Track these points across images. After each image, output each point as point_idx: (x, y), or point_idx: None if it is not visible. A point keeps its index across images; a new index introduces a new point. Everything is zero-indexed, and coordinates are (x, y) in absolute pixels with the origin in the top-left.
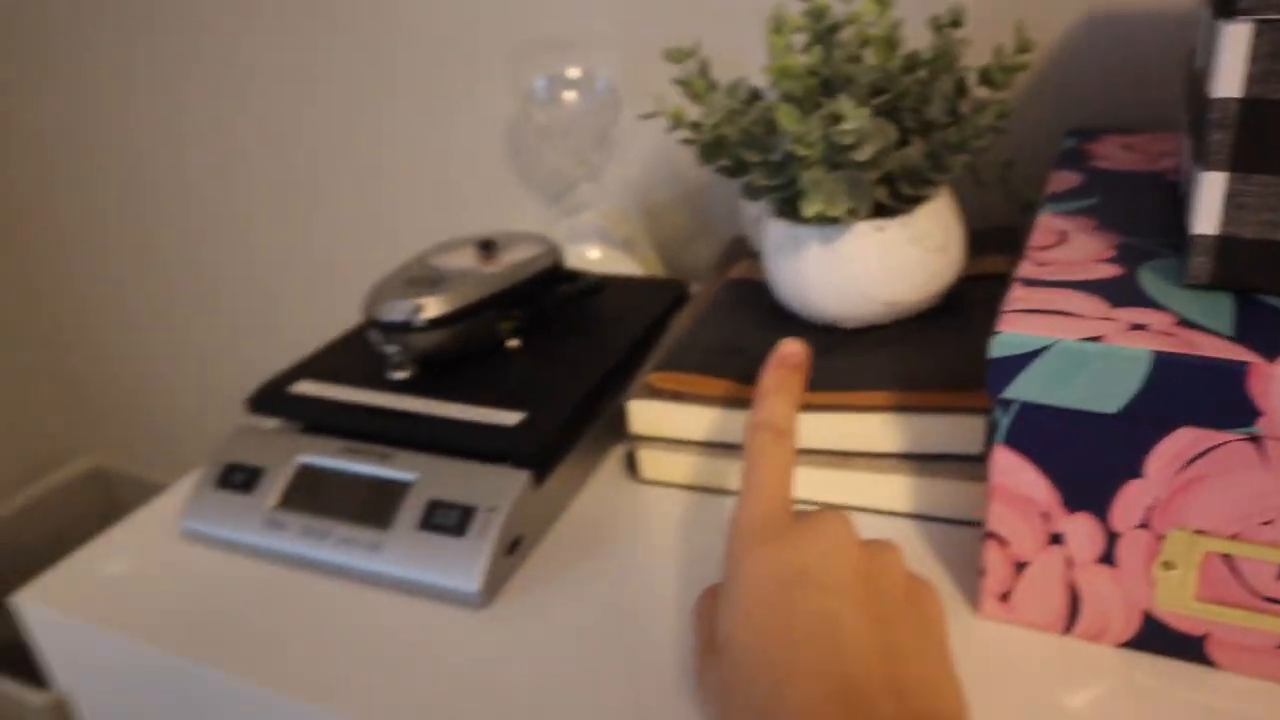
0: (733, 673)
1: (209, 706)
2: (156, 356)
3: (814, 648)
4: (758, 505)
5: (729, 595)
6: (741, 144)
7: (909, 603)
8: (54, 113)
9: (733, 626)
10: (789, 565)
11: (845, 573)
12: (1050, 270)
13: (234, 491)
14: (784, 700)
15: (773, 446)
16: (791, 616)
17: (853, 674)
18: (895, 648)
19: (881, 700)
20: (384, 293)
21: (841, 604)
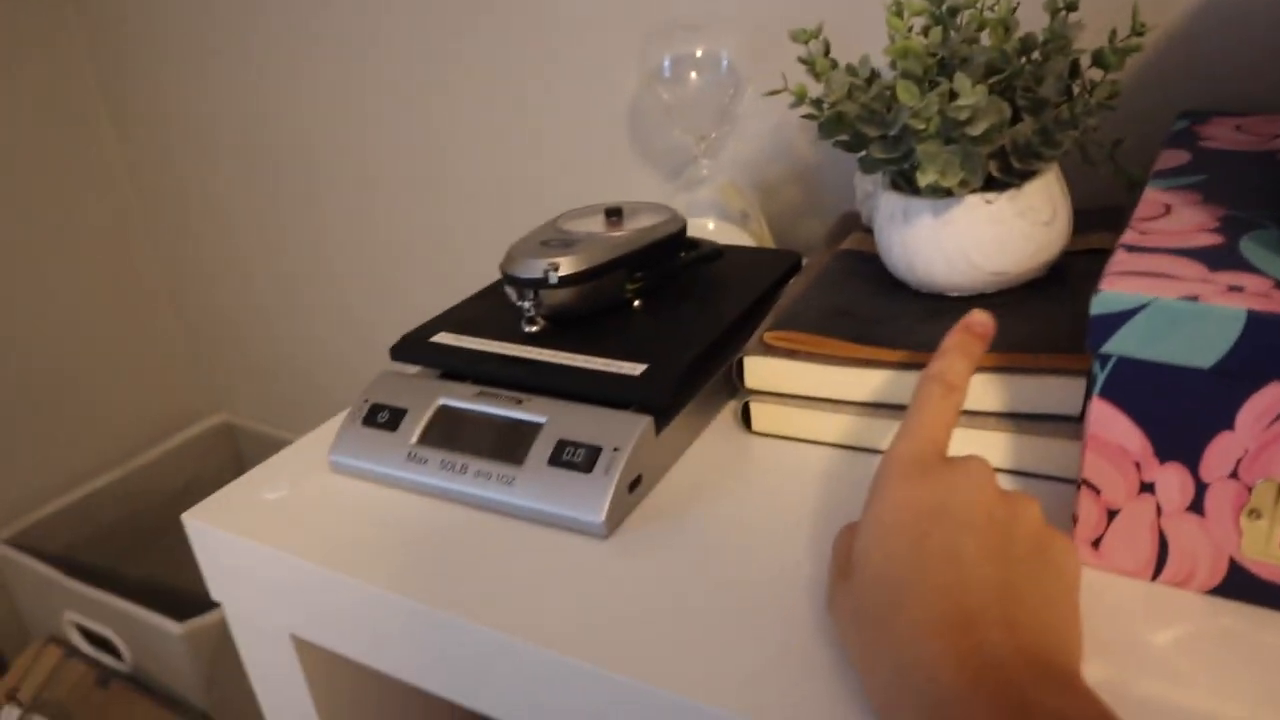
0: (860, 589)
1: (355, 617)
2: (279, 321)
3: (936, 575)
4: (913, 443)
5: (867, 520)
6: (861, 119)
7: (1038, 550)
8: (183, 77)
9: (866, 548)
10: (928, 500)
11: (979, 513)
12: (1153, 239)
13: (379, 429)
14: (900, 616)
15: (941, 398)
16: (922, 544)
17: (968, 604)
18: (1014, 587)
19: (992, 631)
20: (520, 252)
21: (969, 540)
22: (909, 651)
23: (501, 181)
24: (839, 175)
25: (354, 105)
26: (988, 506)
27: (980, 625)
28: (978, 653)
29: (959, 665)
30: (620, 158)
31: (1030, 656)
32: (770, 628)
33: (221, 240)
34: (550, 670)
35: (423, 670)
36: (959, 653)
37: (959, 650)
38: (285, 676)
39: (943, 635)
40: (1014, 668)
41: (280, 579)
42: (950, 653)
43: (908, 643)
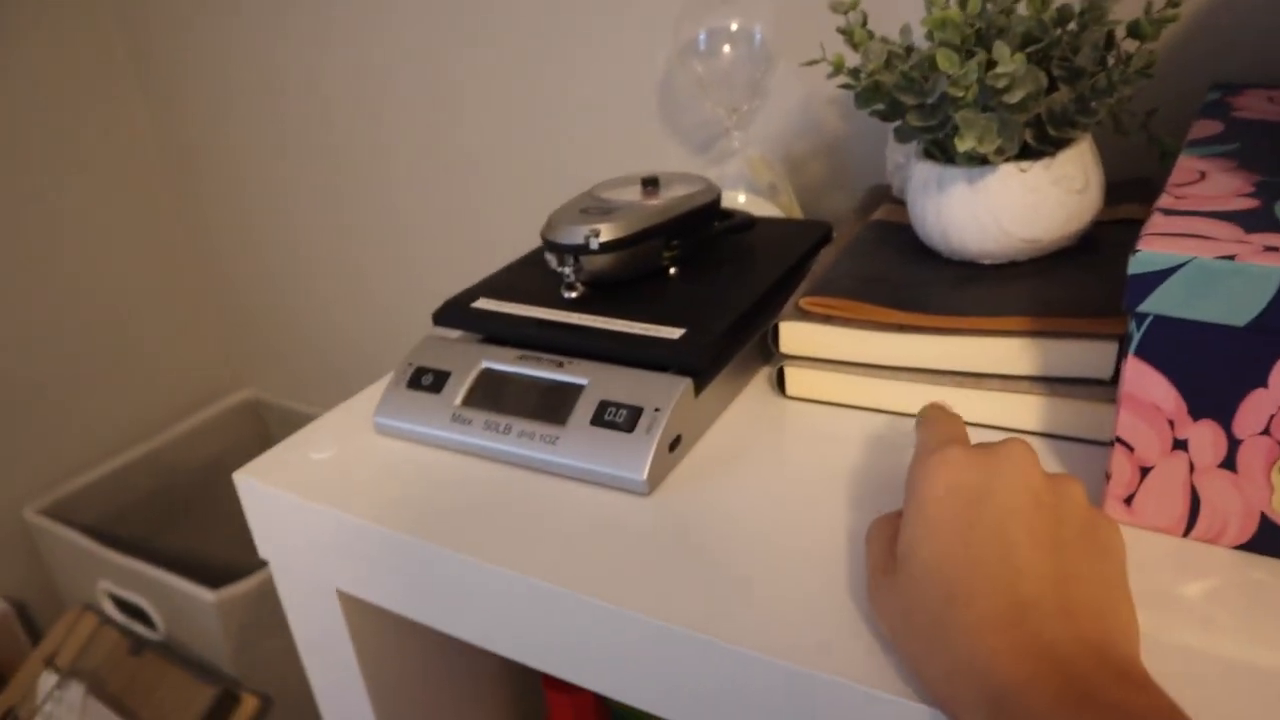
0: (908, 588)
1: (401, 571)
2: (304, 299)
3: (989, 567)
4: (941, 436)
5: (910, 515)
6: (899, 88)
7: (1087, 532)
8: (214, 50)
9: (912, 544)
10: (972, 488)
11: (1025, 498)
12: (1188, 203)
13: (423, 391)
14: (956, 616)
15: (944, 413)
16: (970, 535)
17: (1025, 594)
18: (1069, 573)
19: (1052, 621)
20: (562, 219)
21: (1019, 527)
22: (965, 647)
23: (525, 159)
24: (865, 149)
25: (377, 84)
26: (1033, 489)
27: (1037, 615)
28: (1036, 643)
29: (1018, 658)
30: (647, 132)
31: (1091, 645)
32: (811, 579)
33: (249, 220)
34: (595, 618)
35: (468, 623)
36: (1017, 645)
37: (1017, 643)
38: (329, 632)
39: (999, 630)
40: (1074, 658)
41: (327, 535)
42: (1008, 646)
43: (964, 638)
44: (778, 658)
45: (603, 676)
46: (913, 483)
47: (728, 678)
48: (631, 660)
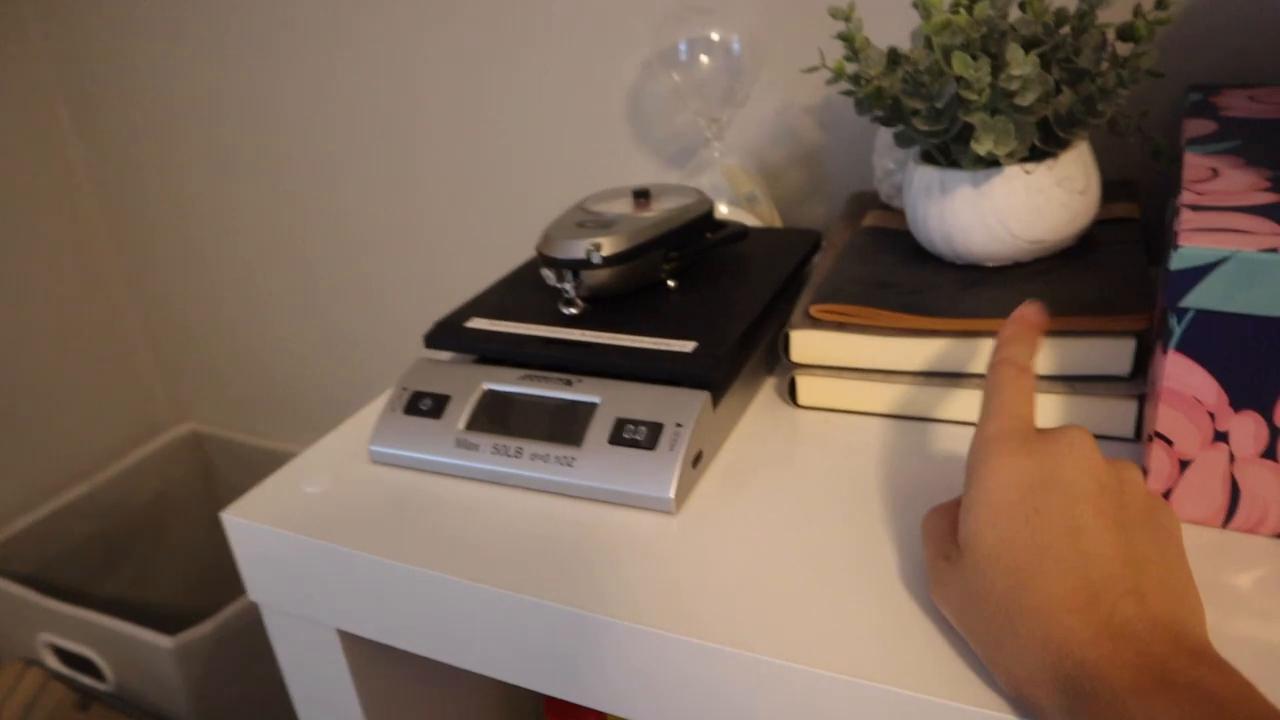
0: (975, 574)
1: (412, 607)
2: (245, 325)
3: (1057, 550)
4: (1003, 421)
5: (973, 502)
6: (906, 92)
7: (1148, 515)
8: (147, 74)
9: (977, 530)
10: (1034, 473)
11: (1089, 482)
12: (1211, 199)
13: (422, 416)
14: (1025, 596)
15: (1015, 378)
16: (1036, 521)
17: (1095, 576)
18: (1137, 555)
19: (1122, 602)
20: (559, 234)
21: (1085, 510)
22: (1039, 630)
23: (485, 178)
24: (843, 158)
25: (325, 100)
26: (1096, 474)
27: (1109, 597)
28: (1110, 624)
29: (1094, 638)
30: (618, 147)
31: (1164, 626)
32: (856, 589)
33: (183, 245)
34: (640, 645)
35: (489, 657)
36: (1092, 625)
37: (1092, 624)
38: (329, 676)
39: (1073, 611)
40: (1150, 639)
41: (328, 572)
42: (1083, 628)
43: (1037, 622)
44: (843, 674)
45: (647, 705)
46: (974, 468)
47: (792, 699)
48: (683, 687)
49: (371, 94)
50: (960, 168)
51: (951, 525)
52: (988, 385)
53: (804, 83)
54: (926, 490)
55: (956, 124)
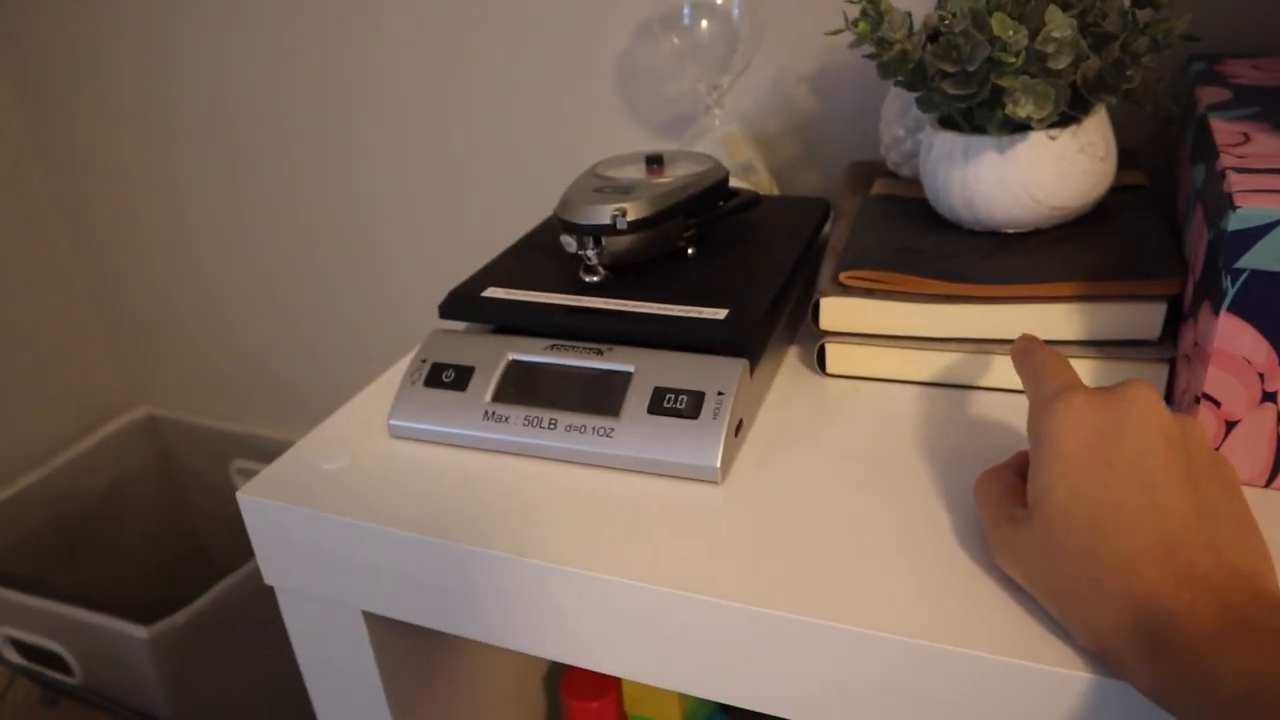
0: (1047, 531)
1: (449, 584)
2: (200, 304)
3: (1132, 504)
4: (1058, 383)
5: (1043, 460)
6: (937, 55)
7: (1215, 469)
8: (95, 41)
9: (1048, 485)
10: (1103, 428)
11: (1157, 436)
12: (1253, 161)
13: (445, 389)
14: (1104, 553)
15: (1051, 354)
16: (1109, 475)
17: (1171, 529)
18: (1209, 507)
19: (1199, 554)
20: (578, 200)
21: (1157, 464)
22: (1121, 581)
23: (460, 146)
24: (840, 127)
25: (281, 78)
26: (1163, 427)
27: (1187, 548)
28: (1191, 575)
29: (1176, 588)
30: (612, 113)
31: (1242, 577)
32: (909, 553)
33: (136, 224)
34: (702, 616)
35: (527, 633)
36: (1174, 576)
37: (1173, 574)
38: (351, 660)
39: (1154, 562)
40: (1228, 589)
41: (354, 552)
42: (1165, 579)
43: (1117, 573)
44: (904, 636)
45: (698, 676)
46: (1039, 430)
47: (856, 663)
48: (743, 656)
49: (331, 63)
50: (984, 133)
51: (1008, 487)
52: (1027, 370)
53: (801, 51)
54: (964, 456)
55: (985, 88)
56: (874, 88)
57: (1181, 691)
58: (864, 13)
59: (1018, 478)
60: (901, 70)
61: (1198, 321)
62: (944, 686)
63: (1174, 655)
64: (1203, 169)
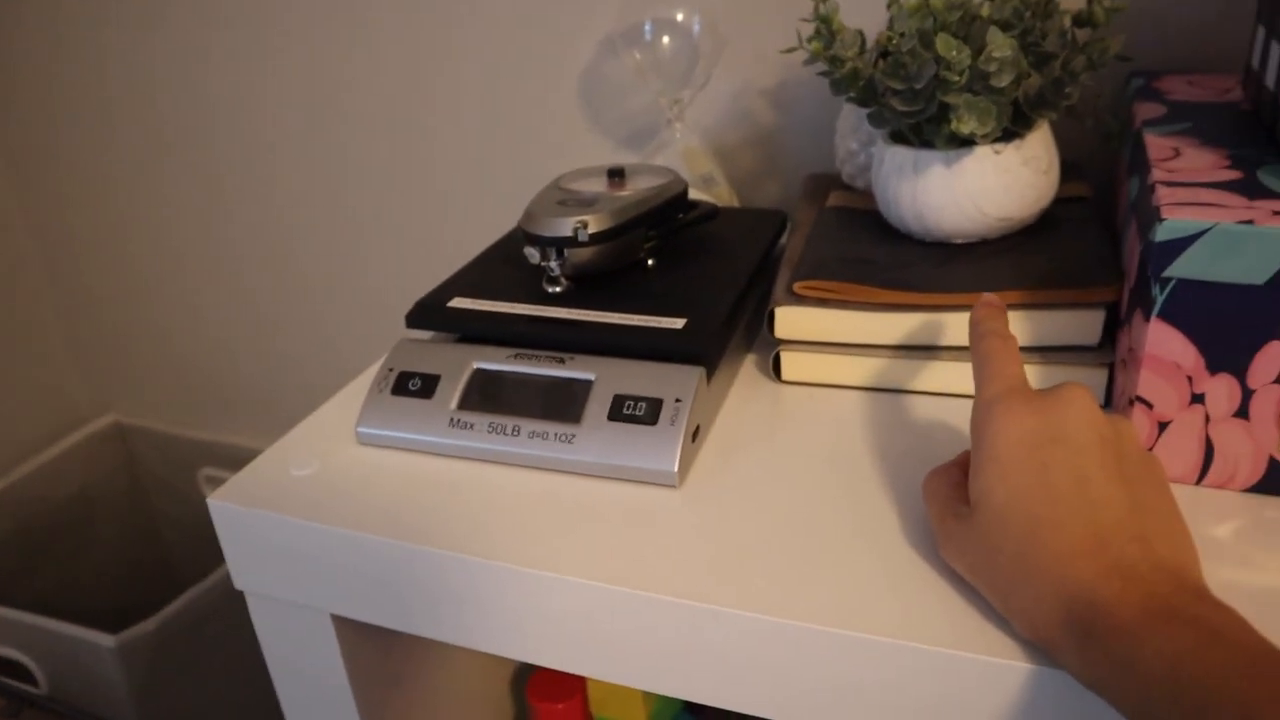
0: (988, 529)
1: (414, 587)
2: (169, 310)
3: (1067, 501)
4: (1001, 383)
5: (983, 461)
6: (885, 73)
7: (1145, 466)
8: (80, 52)
9: (988, 487)
10: (1040, 429)
11: (1091, 435)
12: (1181, 175)
13: (412, 397)
14: (1041, 547)
15: (1002, 344)
16: (1045, 474)
17: (1103, 522)
18: (1138, 503)
19: (1129, 546)
20: (541, 212)
21: (1090, 462)
22: (1054, 573)
23: (426, 159)
24: (798, 140)
25: (254, 82)
26: (1097, 428)
27: (1116, 542)
28: (1119, 567)
29: (1104, 581)
30: (575, 126)
31: (1166, 568)
32: (865, 552)
33: (103, 227)
34: (658, 616)
35: (491, 633)
36: (1103, 569)
37: (1103, 567)
38: (319, 662)
39: (1084, 555)
40: (1154, 580)
41: (323, 556)
42: (1094, 571)
43: (1052, 566)
44: (856, 631)
45: (659, 673)
46: (980, 430)
47: (814, 660)
48: (702, 654)
49: (303, 74)
50: (933, 148)
51: (954, 485)
52: (977, 356)
53: (759, 67)
54: (912, 457)
55: (933, 104)
56: (830, 103)
57: (1109, 676)
58: (817, 32)
59: (963, 475)
60: (853, 87)
61: (1132, 327)
62: (893, 678)
63: (1102, 642)
64: (1137, 181)
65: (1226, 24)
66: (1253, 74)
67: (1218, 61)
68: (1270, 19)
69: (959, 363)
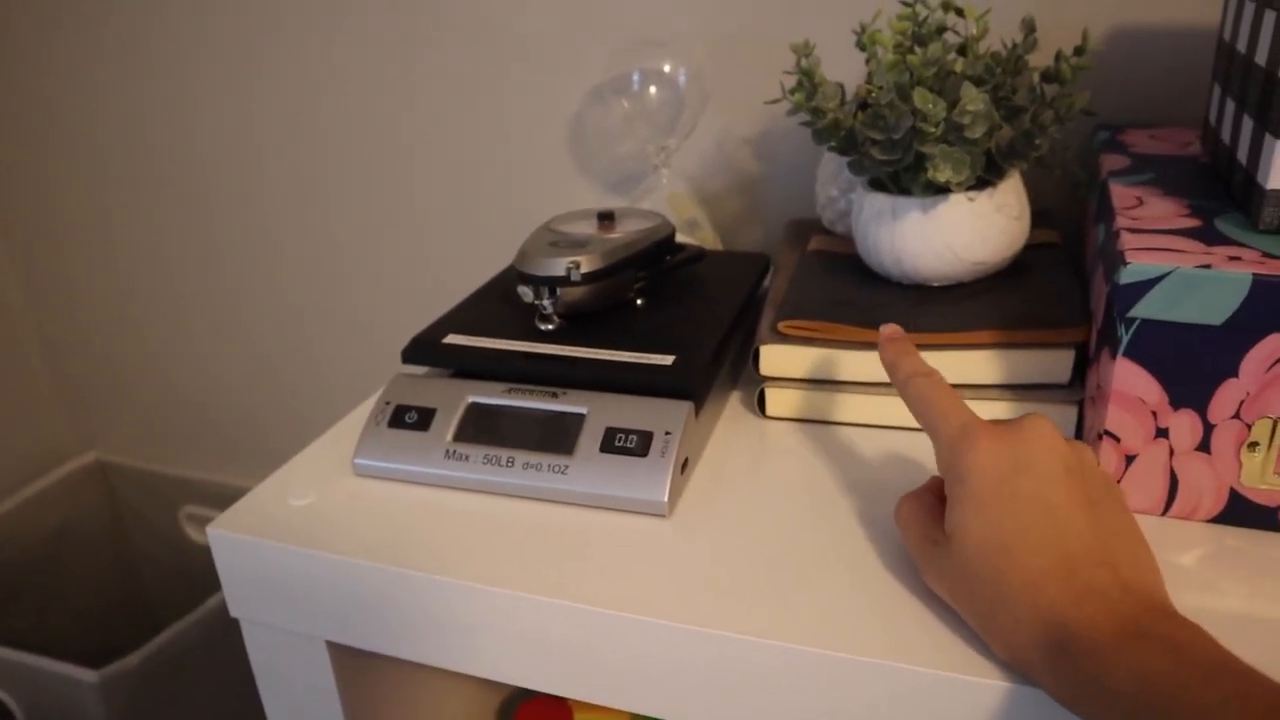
0: (964, 559)
1: (409, 612)
2: (153, 348)
3: (1037, 530)
4: (953, 422)
5: (956, 494)
6: (866, 124)
7: (1107, 491)
8: (58, 101)
9: (963, 520)
10: (1008, 461)
11: (1056, 465)
12: (1143, 223)
13: (408, 429)
14: (1013, 576)
15: (936, 384)
16: (1014, 505)
17: (1071, 549)
18: (1105, 528)
19: (1096, 572)
20: (534, 253)
21: (1056, 491)
22: (1027, 600)
23: (421, 201)
24: (779, 187)
25: (245, 111)
26: (1061, 457)
27: (1085, 567)
28: (1088, 591)
29: (1075, 604)
30: (563, 171)
31: (1133, 589)
32: (850, 578)
33: (88, 258)
34: (646, 637)
35: (486, 658)
36: (1072, 593)
37: (1072, 591)
38: (313, 689)
39: (1055, 581)
40: (1122, 601)
41: (321, 583)
42: (1065, 595)
43: (1024, 593)
44: (841, 652)
45: (650, 694)
46: (952, 469)
47: (801, 681)
48: (693, 676)
49: (295, 112)
50: (910, 195)
51: (929, 511)
52: (913, 401)
53: (743, 115)
54: (892, 488)
55: (910, 154)
56: (811, 151)
57: (1083, 693)
58: (800, 84)
59: (935, 500)
60: (834, 136)
61: (1099, 365)
62: (875, 697)
63: (1075, 661)
64: (1103, 228)
65: (1186, 81)
66: (1210, 129)
67: (1178, 116)
68: (1225, 77)
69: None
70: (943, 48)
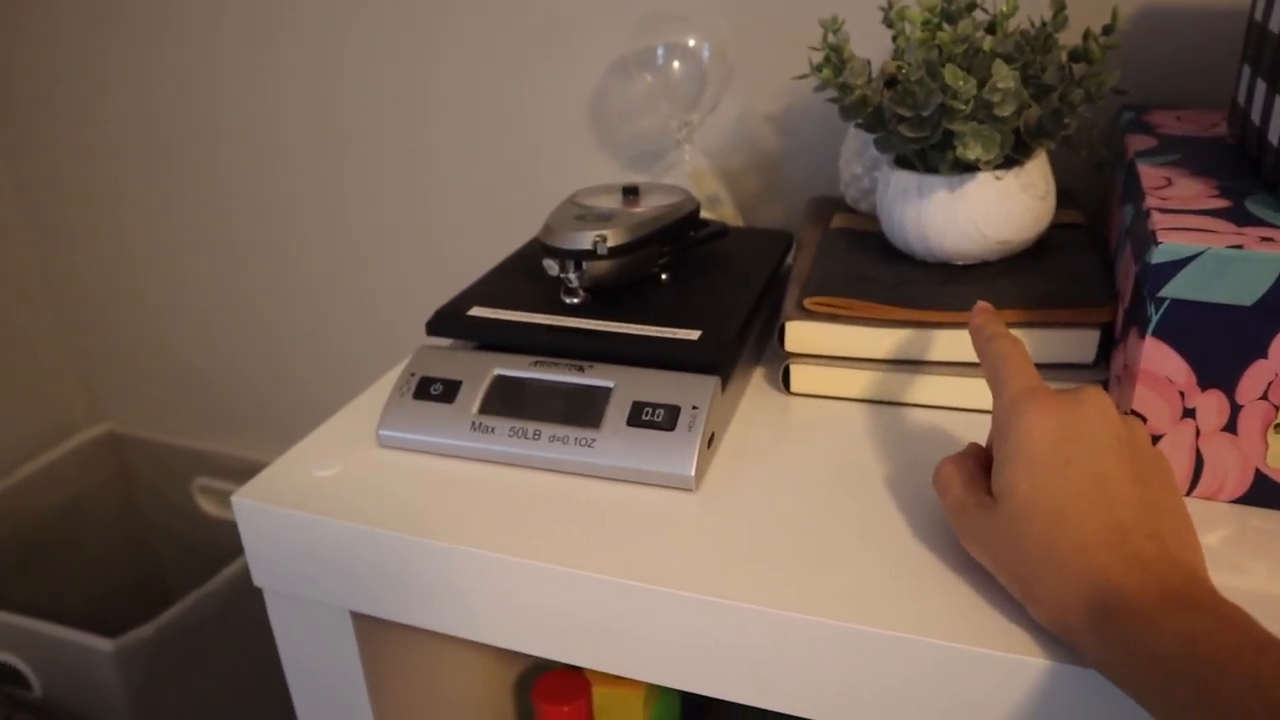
0: (1011, 520)
1: (434, 582)
2: (165, 319)
3: (1087, 497)
4: (1020, 382)
5: (1007, 456)
6: (894, 101)
7: (1157, 466)
8: (83, 52)
9: (1013, 480)
10: (1062, 428)
11: (1110, 436)
12: (1173, 203)
13: (434, 401)
14: (1063, 540)
15: (1013, 346)
16: (1067, 470)
17: (1121, 519)
18: (1154, 503)
19: (1145, 543)
20: (560, 226)
21: (1109, 462)
22: (1077, 563)
23: (435, 174)
24: (801, 164)
25: (260, 87)
26: (1114, 429)
27: (1134, 536)
28: (1137, 560)
29: (1125, 570)
30: (583, 146)
31: (1179, 564)
32: (879, 553)
33: (101, 230)
34: (674, 610)
35: (524, 633)
36: (1123, 561)
37: (1122, 559)
38: (336, 659)
39: (1104, 548)
40: (1168, 574)
41: (346, 553)
42: (1115, 561)
43: (1074, 557)
44: (869, 626)
45: (675, 667)
46: (1006, 427)
47: (831, 655)
48: (721, 649)
49: (310, 90)
50: (937, 173)
51: (970, 474)
52: (990, 358)
53: (765, 91)
54: (917, 465)
55: (938, 131)
56: (833, 128)
57: (1124, 657)
58: (827, 59)
59: (978, 466)
60: (861, 113)
61: (1126, 345)
62: (905, 672)
63: (1121, 623)
64: (1131, 209)
65: (1210, 62)
66: (1239, 110)
67: (1202, 97)
68: (1255, 58)
69: (959, 378)
70: (972, 25)
